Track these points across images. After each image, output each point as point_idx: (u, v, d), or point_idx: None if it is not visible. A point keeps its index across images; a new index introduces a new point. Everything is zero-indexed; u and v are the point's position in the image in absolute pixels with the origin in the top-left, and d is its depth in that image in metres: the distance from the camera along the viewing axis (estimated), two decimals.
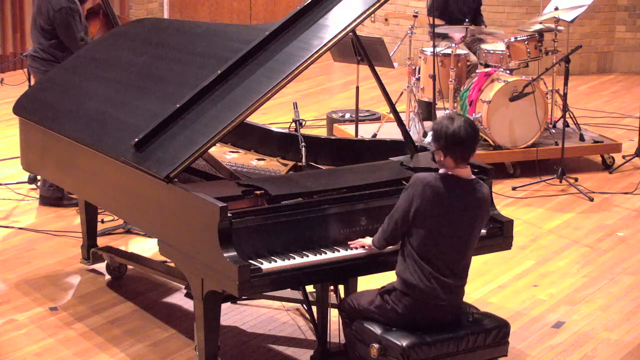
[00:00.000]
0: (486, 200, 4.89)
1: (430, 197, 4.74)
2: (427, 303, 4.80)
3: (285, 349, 5.80)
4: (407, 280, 4.80)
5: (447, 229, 4.77)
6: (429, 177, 4.79)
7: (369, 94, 10.57)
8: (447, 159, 4.81)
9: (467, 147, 4.80)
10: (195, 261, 5.02)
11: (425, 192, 4.74)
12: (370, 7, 5.34)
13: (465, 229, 4.82)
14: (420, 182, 4.77)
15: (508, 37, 9.16)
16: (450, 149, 4.79)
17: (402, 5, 12.71)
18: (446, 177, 4.81)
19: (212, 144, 5.18)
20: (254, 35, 5.54)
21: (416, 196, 4.75)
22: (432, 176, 4.80)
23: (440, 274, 4.78)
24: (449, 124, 4.79)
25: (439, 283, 4.79)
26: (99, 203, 6.24)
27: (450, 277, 4.82)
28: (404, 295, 4.81)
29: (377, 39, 8.69)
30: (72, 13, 7.66)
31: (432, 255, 4.78)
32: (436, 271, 4.78)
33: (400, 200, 4.82)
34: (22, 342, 5.86)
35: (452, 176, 4.81)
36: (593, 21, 12.53)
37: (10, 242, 7.29)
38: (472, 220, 4.83)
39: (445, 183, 4.78)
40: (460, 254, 4.83)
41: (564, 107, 8.99)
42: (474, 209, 4.83)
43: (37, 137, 6.42)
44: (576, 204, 8.23)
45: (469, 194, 4.82)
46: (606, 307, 6.42)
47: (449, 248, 4.79)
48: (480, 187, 4.87)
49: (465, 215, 4.80)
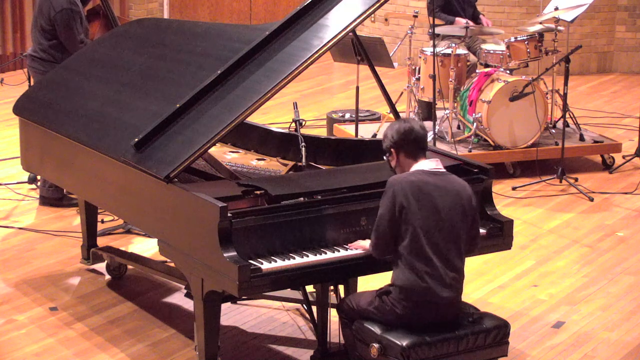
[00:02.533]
0: (465, 190, 4.91)
1: (410, 192, 4.78)
2: (426, 302, 4.80)
3: (285, 349, 5.80)
4: (403, 286, 4.80)
5: (433, 220, 4.78)
6: (404, 175, 4.88)
7: (369, 94, 10.57)
8: (401, 154, 4.91)
9: (416, 135, 4.90)
10: (196, 261, 5.02)
11: (405, 189, 4.78)
12: (370, 7, 5.35)
13: (451, 218, 4.82)
14: (396, 182, 4.83)
15: (508, 37, 9.17)
16: (399, 142, 4.90)
17: (402, 5, 12.71)
18: (419, 172, 4.88)
19: (212, 144, 5.18)
20: (254, 35, 5.54)
21: (397, 195, 4.78)
22: (407, 174, 4.89)
23: (434, 270, 4.78)
24: (390, 126, 4.96)
25: (435, 280, 4.78)
26: (99, 203, 6.24)
27: (446, 270, 4.81)
28: (402, 299, 4.81)
29: (377, 39, 8.69)
30: (73, 15, 7.65)
31: (423, 252, 4.77)
32: (430, 268, 4.77)
33: (382, 207, 4.83)
34: (22, 342, 5.87)
35: (424, 171, 4.88)
36: (593, 21, 12.53)
37: (10, 242, 7.29)
38: (453, 209, 4.84)
39: (420, 177, 4.85)
40: (451, 245, 4.83)
41: (564, 107, 9.00)
42: (453, 197, 4.85)
43: (37, 137, 6.42)
44: (576, 204, 8.23)
45: (445, 183, 4.87)
46: (606, 307, 6.42)
47: (440, 240, 4.79)
48: (455, 179, 4.93)
49: (446, 205, 4.82)
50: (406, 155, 4.93)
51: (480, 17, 9.82)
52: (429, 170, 4.89)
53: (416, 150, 4.93)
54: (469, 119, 8.84)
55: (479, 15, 9.83)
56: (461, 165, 5.55)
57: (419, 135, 4.93)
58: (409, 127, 4.93)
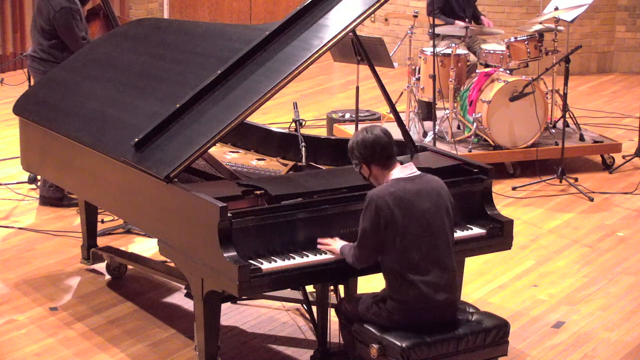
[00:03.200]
0: (443, 187, 4.89)
1: (393, 204, 4.73)
2: (423, 309, 4.80)
3: (285, 349, 5.80)
4: (397, 300, 4.79)
5: (418, 227, 4.76)
6: (383, 188, 4.79)
7: (369, 94, 10.57)
8: (372, 166, 4.85)
9: (381, 146, 4.83)
10: (195, 261, 5.02)
11: (387, 201, 4.73)
12: (370, 7, 5.34)
13: (435, 221, 4.81)
14: (376, 196, 4.76)
15: (508, 37, 9.16)
16: (368, 156, 4.84)
17: (402, 5, 12.71)
18: (396, 181, 4.82)
19: (212, 144, 5.18)
20: (254, 35, 5.54)
21: (380, 209, 4.72)
22: (385, 186, 4.81)
23: (427, 276, 4.77)
24: (353, 140, 4.89)
25: (429, 286, 4.77)
26: (99, 203, 6.24)
27: (438, 274, 4.80)
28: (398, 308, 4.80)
29: (377, 39, 8.69)
30: (72, 13, 7.64)
31: (412, 261, 4.76)
32: (422, 275, 4.76)
33: (365, 222, 4.78)
34: (22, 342, 5.87)
35: (401, 178, 4.82)
36: (593, 21, 12.53)
37: (10, 242, 7.29)
38: (438, 210, 4.82)
39: (399, 186, 4.79)
40: (440, 248, 4.82)
41: (564, 107, 8.99)
42: (435, 198, 4.83)
43: (37, 137, 6.42)
44: (576, 204, 8.23)
45: (424, 186, 4.83)
46: (606, 307, 6.42)
47: (427, 246, 4.78)
48: (431, 178, 4.90)
49: (430, 207, 4.80)
50: (379, 166, 4.87)
51: (481, 17, 9.82)
52: (405, 177, 4.84)
53: (386, 160, 4.86)
54: (469, 119, 8.84)
55: (479, 16, 9.83)
56: (461, 165, 5.55)
57: (384, 143, 4.85)
58: (373, 138, 4.84)
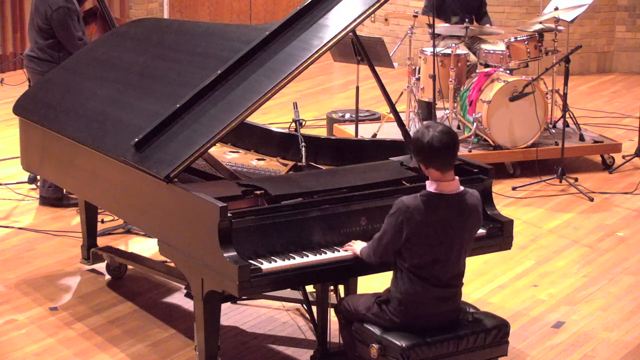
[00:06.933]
0: (476, 209, 4.81)
1: (420, 220, 4.67)
2: (426, 315, 4.80)
3: (285, 349, 5.80)
4: (403, 298, 4.78)
5: (439, 246, 4.72)
6: (415, 202, 4.69)
7: (369, 94, 10.57)
8: (430, 170, 4.75)
9: (445, 156, 4.70)
10: (195, 261, 5.02)
11: (414, 217, 4.66)
12: (370, 7, 5.34)
13: (458, 240, 4.77)
14: (406, 207, 4.67)
15: (508, 37, 9.16)
16: (429, 160, 4.72)
17: (402, 5, 12.71)
18: (431, 196, 4.71)
19: (212, 144, 5.18)
20: (254, 35, 5.54)
21: (405, 223, 4.67)
22: (418, 199, 4.70)
23: (436, 286, 4.76)
24: (423, 137, 4.70)
25: (436, 295, 4.77)
26: (99, 203, 6.24)
27: (447, 287, 4.80)
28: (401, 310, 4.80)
29: (377, 39, 8.69)
30: (69, 12, 7.64)
31: (426, 272, 4.74)
32: (432, 285, 4.75)
33: (388, 225, 4.73)
34: (22, 342, 5.87)
35: (437, 195, 4.72)
36: (593, 21, 12.54)
37: (10, 242, 7.29)
38: (463, 230, 4.78)
39: (432, 203, 4.70)
40: (455, 265, 4.81)
41: (564, 107, 8.99)
42: (465, 219, 4.77)
43: (37, 137, 6.42)
44: (576, 204, 8.23)
45: (457, 207, 4.74)
46: (606, 307, 6.42)
47: (445, 262, 4.75)
48: (469, 198, 4.78)
49: (457, 228, 4.75)
50: (434, 169, 4.72)
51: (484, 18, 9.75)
52: (442, 193, 4.71)
53: (443, 168, 4.71)
54: (469, 119, 8.84)
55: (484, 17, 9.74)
56: (461, 165, 5.55)
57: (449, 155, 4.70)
58: (439, 145, 4.66)
